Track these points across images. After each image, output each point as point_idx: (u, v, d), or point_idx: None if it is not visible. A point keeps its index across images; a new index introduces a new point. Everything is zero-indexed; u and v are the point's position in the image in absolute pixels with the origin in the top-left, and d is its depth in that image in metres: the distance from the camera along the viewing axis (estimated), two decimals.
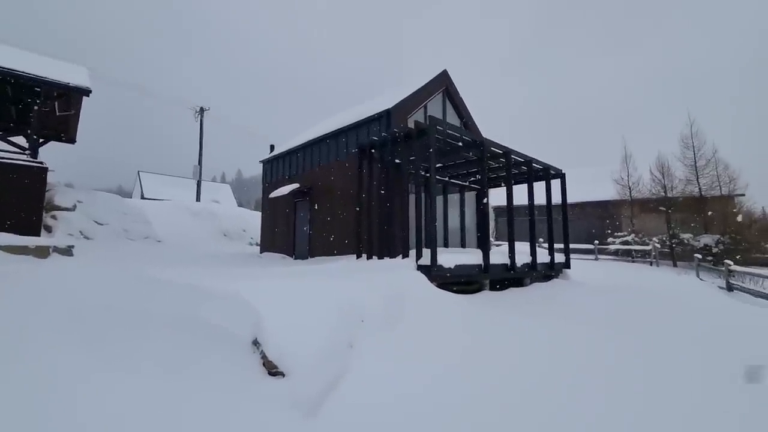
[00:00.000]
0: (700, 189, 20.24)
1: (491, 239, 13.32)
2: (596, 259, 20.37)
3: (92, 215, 12.34)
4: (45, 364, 3.13)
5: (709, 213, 19.58)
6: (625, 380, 3.29)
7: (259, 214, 24.31)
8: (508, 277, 8.67)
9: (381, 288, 4.84)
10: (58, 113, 12.79)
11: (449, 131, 7.28)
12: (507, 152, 8.67)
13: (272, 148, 15.72)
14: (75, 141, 14.51)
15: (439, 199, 11.25)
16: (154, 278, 4.38)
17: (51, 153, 13.27)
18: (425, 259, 6.93)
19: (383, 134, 8.29)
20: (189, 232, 16.27)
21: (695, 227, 20.35)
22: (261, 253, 14.65)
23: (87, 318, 3.92)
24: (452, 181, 11.55)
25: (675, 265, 19.71)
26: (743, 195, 20.69)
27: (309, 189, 12.28)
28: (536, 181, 10.34)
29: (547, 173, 10.34)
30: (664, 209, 20.48)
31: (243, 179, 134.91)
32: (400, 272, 6.22)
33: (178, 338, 3.27)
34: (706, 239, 19.44)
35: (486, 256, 7.78)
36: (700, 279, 13.33)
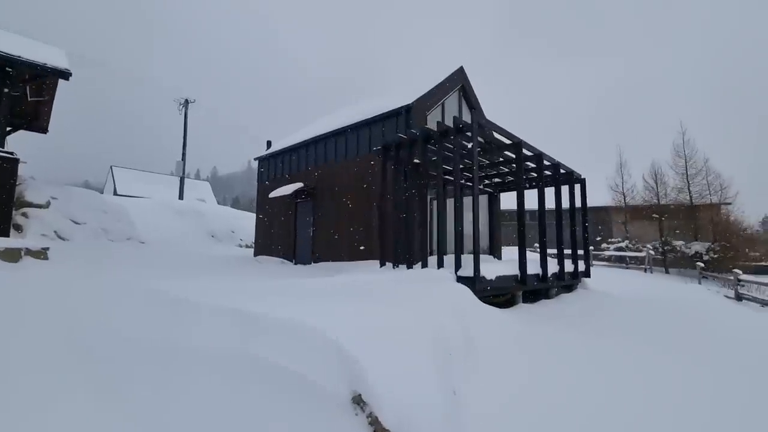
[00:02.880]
0: (690, 197, 20.57)
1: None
2: (591, 265, 20.30)
3: (68, 213, 11.03)
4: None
5: (709, 222, 19.86)
6: None
7: (247, 213, 23.09)
8: (538, 288, 8.14)
9: (444, 309, 4.13)
10: (30, 98, 11.41)
11: (491, 130, 6.67)
12: (539, 155, 8.16)
13: (269, 144, 14.71)
14: (47, 130, 13.09)
15: (451, 203, 10.65)
16: (178, 297, 3.50)
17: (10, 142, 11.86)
18: (465, 270, 6.28)
19: (412, 131, 7.59)
20: (174, 232, 15.01)
21: (686, 234, 20.65)
22: (256, 256, 13.61)
23: (96, 355, 3.01)
24: (467, 183, 10.97)
25: (667, 272, 19.93)
26: (730, 204, 21.17)
27: (314, 189, 11.42)
28: (555, 185, 9.86)
29: (570, 178, 9.91)
30: (657, 216, 20.70)
31: (219, 177, 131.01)
32: (445, 286, 5.53)
33: (233, 388, 2.45)
34: (697, 247, 19.73)
35: (523, 266, 7.21)
36: (708, 288, 13.30)
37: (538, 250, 8.77)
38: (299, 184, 11.44)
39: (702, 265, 16.53)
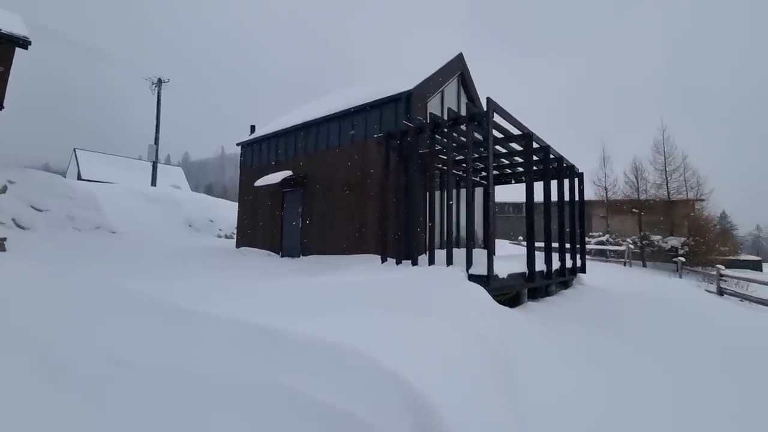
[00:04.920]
0: (668, 193, 21.11)
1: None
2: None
3: (28, 199, 9.96)
4: None
5: (684, 217, 20.42)
6: None
7: (227, 201, 21.99)
8: (540, 285, 7.93)
9: (478, 315, 3.73)
10: None
11: (506, 120, 6.28)
12: (546, 147, 7.88)
13: (252, 129, 13.84)
14: (2, 106, 11.77)
15: (453, 194, 10.29)
16: (177, 306, 2.93)
17: None
18: (477, 268, 5.91)
19: (419, 119, 7.11)
20: (148, 221, 13.99)
21: (663, 229, 21.24)
22: (238, 247, 12.87)
23: (73, 382, 2.43)
24: (474, 178, 10.60)
25: (644, 265, 20.48)
26: (704, 200, 21.88)
27: (304, 177, 10.77)
28: (558, 179, 9.66)
29: (572, 172, 9.73)
30: (637, 211, 21.16)
31: (191, 163, 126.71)
32: (459, 286, 5.14)
33: None
34: (674, 241, 20.34)
35: (531, 263, 6.93)
36: (689, 283, 13.61)
37: (539, 245, 8.60)
38: (287, 172, 10.76)
39: (683, 259, 17.03)
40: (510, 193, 20.37)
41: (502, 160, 9.50)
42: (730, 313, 7.56)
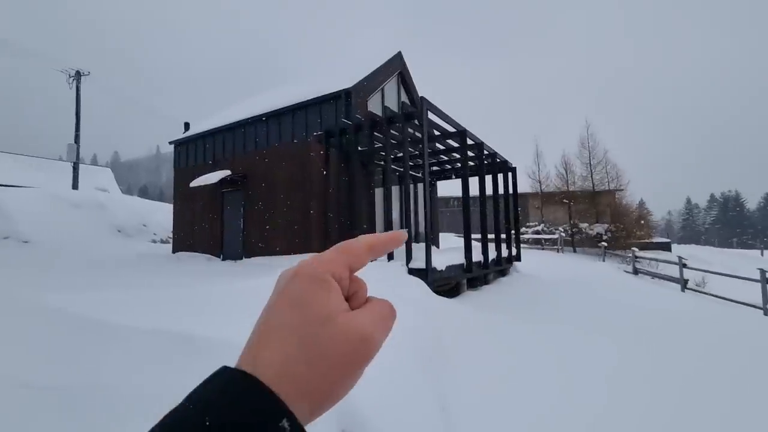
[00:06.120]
0: (593, 184, 23.11)
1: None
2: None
3: None
4: None
5: (606, 206, 22.39)
6: None
7: (162, 204, 20.60)
8: (479, 275, 8.37)
9: (412, 308, 3.88)
10: None
11: (440, 118, 6.53)
12: (480, 144, 8.29)
13: (187, 126, 13.08)
14: None
15: (394, 190, 10.51)
16: (87, 317, 2.74)
17: None
18: (417, 262, 6.13)
19: (358, 117, 7.17)
20: (69, 229, 12.74)
21: (589, 217, 23.23)
22: (175, 252, 12.15)
23: None
24: (412, 173, 10.86)
25: (575, 251, 22.29)
26: (622, 190, 24.23)
27: (243, 176, 10.40)
28: (492, 174, 10.23)
29: (506, 166, 10.32)
30: (567, 202, 22.94)
31: (121, 163, 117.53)
32: (399, 280, 5.31)
33: None
34: (599, 228, 22.33)
35: (469, 255, 7.29)
36: (611, 265, 15.03)
37: (478, 236, 9.10)
38: (226, 172, 10.33)
39: (605, 244, 18.68)
40: (455, 188, 21.26)
41: (442, 156, 9.86)
42: (642, 290, 8.51)
